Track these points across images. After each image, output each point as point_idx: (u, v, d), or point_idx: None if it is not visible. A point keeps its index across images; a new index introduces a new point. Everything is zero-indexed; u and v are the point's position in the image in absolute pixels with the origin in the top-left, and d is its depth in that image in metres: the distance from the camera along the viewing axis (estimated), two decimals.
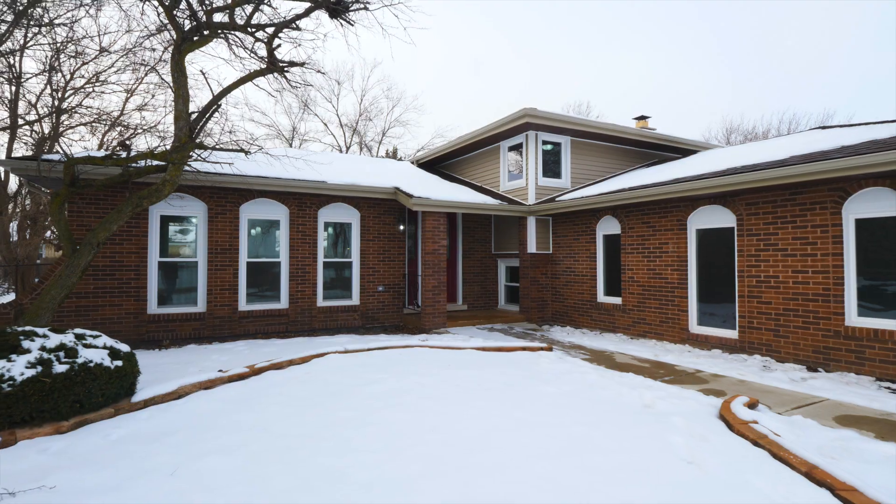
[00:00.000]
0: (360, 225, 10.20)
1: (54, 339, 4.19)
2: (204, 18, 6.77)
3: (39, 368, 3.82)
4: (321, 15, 6.92)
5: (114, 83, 16.85)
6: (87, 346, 4.28)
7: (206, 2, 6.77)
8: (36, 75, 15.80)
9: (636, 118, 16.20)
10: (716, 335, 7.61)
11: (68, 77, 16.18)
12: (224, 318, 8.86)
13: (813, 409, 4.67)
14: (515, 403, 4.67)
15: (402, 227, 10.62)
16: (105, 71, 15.94)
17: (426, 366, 6.10)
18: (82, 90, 16.72)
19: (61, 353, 4.03)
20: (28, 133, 17.36)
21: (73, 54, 14.77)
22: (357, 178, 10.16)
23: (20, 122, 15.76)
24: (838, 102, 39.09)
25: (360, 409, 4.43)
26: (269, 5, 6.59)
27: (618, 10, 57.59)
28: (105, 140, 19.27)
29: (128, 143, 19.78)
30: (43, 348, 4.02)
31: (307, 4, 6.43)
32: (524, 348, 7.23)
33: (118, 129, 19.32)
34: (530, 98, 55.49)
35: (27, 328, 4.30)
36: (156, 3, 6.88)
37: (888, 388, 5.55)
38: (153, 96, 18.75)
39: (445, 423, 4.09)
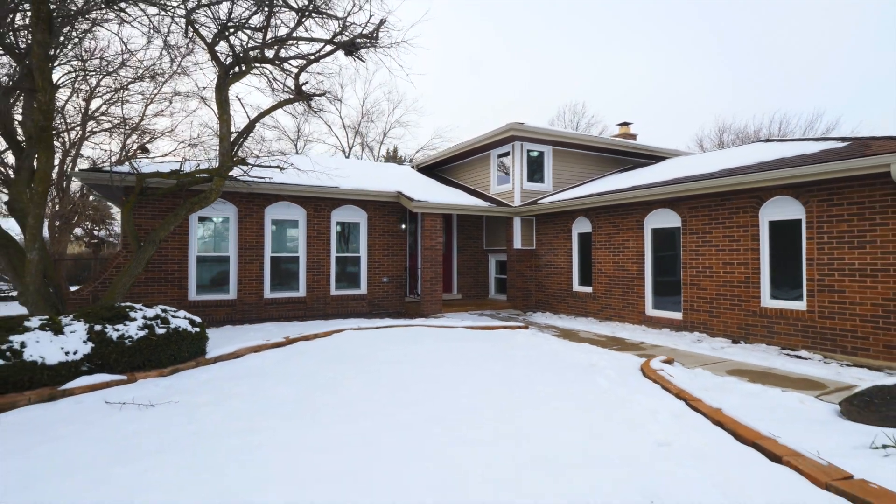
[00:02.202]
0: (367, 224, 11.69)
1: (149, 312, 5.70)
2: (241, 54, 8.23)
3: (146, 331, 5.33)
4: (338, 52, 8.36)
5: (136, 92, 18.23)
6: (173, 316, 5.79)
7: (243, 42, 8.22)
8: (64, 85, 17.18)
9: (619, 124, 17.74)
10: (666, 317, 9.13)
11: (94, 86, 17.55)
12: (252, 304, 10.37)
13: (715, 366, 6.19)
14: (491, 362, 6.19)
15: (403, 226, 12.12)
16: (132, 82, 17.35)
17: (424, 339, 7.61)
18: (106, 98, 18.11)
19: (158, 321, 5.55)
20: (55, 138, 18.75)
21: (99, 67, 16.16)
22: (365, 183, 11.65)
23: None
24: (838, 102, 40.23)
25: (375, 366, 5.94)
26: (296, 46, 8.06)
27: (618, 10, 58.87)
28: (127, 144, 20.74)
29: (147, 146, 21.01)
30: (145, 317, 5.54)
31: (330, 46, 7.89)
32: (505, 327, 8.75)
33: (137, 133, 20.71)
34: (529, 98, 57.01)
35: (127, 304, 5.81)
36: (201, 43, 8.34)
37: (787, 354, 7.07)
38: (171, 103, 20.19)
39: (437, 374, 5.61)
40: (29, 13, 7.44)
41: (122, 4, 6.86)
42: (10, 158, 17.87)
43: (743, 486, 2.85)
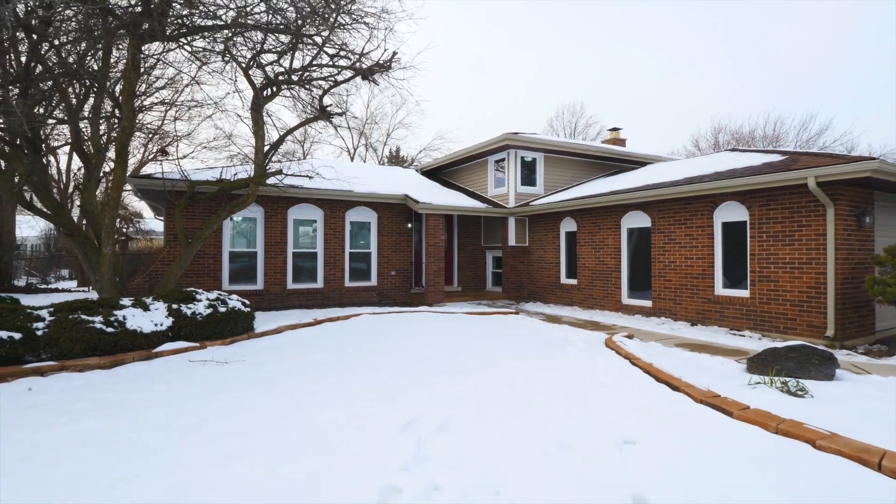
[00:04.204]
0: (377, 223, 13.08)
1: (210, 295, 7.10)
2: (273, 77, 9.58)
3: (211, 309, 6.74)
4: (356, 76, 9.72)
5: (159, 100, 19.55)
6: (228, 299, 7.19)
7: (274, 68, 9.58)
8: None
9: (610, 129, 19.13)
10: (638, 305, 10.52)
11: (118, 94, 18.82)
12: (276, 294, 11.77)
13: (666, 341, 7.58)
14: (485, 337, 7.59)
15: (409, 225, 13.51)
16: (156, 91, 18.70)
17: (429, 321, 9.02)
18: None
19: (219, 302, 6.95)
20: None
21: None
22: (375, 187, 13.03)
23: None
24: (838, 102, 41.47)
25: (392, 339, 7.34)
26: (320, 71, 9.43)
27: (620, 11, 60.29)
28: (148, 146, 22.14)
29: (167, 149, 22.37)
30: (208, 299, 6.94)
31: (350, 72, 9.26)
32: (499, 313, 10.15)
33: (157, 136, 22.08)
34: (533, 95, 58.73)
35: (191, 289, 7.20)
36: (237, 68, 9.69)
37: (733, 333, 8.45)
38: (188, 109, 21.52)
39: (442, 345, 7.01)
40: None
41: (189, 48, 8.20)
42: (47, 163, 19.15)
43: (648, 404, 4.25)
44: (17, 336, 5.30)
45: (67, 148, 19.71)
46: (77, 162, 25.87)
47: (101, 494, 2.77)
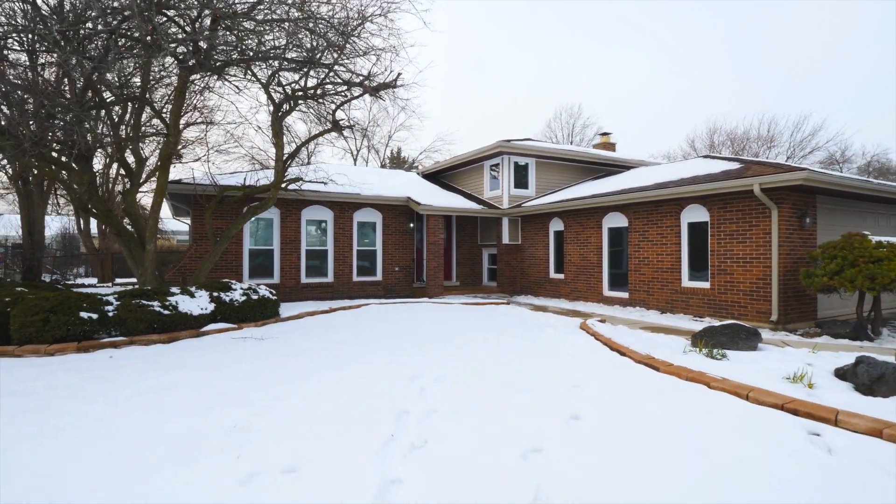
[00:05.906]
0: (382, 223, 14.30)
1: (243, 285, 8.32)
2: (290, 94, 10.79)
3: (245, 297, 7.96)
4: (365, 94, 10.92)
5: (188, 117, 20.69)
6: (258, 288, 8.41)
7: (290, 85, 10.79)
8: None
9: (601, 134, 20.40)
10: (617, 296, 11.73)
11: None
12: (291, 287, 12.99)
13: (633, 325, 8.79)
14: (477, 322, 8.81)
15: (411, 225, 14.72)
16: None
17: (430, 310, 10.24)
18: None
19: (251, 291, 8.17)
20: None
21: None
22: (380, 190, 14.25)
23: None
24: (838, 102, 42.70)
25: (398, 323, 8.56)
26: (334, 88, 10.65)
27: (621, 11, 61.51)
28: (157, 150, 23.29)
29: (181, 153, 23.46)
30: (241, 289, 8.16)
31: (359, 90, 10.47)
32: (491, 303, 11.37)
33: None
34: (534, 94, 60.10)
35: (225, 280, 8.43)
36: (258, 84, 10.90)
37: (695, 319, 9.65)
38: (202, 114, 22.71)
39: (440, 328, 8.23)
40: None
41: (231, 77, 9.44)
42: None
43: (600, 364, 5.47)
44: (95, 316, 6.52)
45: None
46: (98, 164, 27.09)
47: (203, 414, 3.99)
